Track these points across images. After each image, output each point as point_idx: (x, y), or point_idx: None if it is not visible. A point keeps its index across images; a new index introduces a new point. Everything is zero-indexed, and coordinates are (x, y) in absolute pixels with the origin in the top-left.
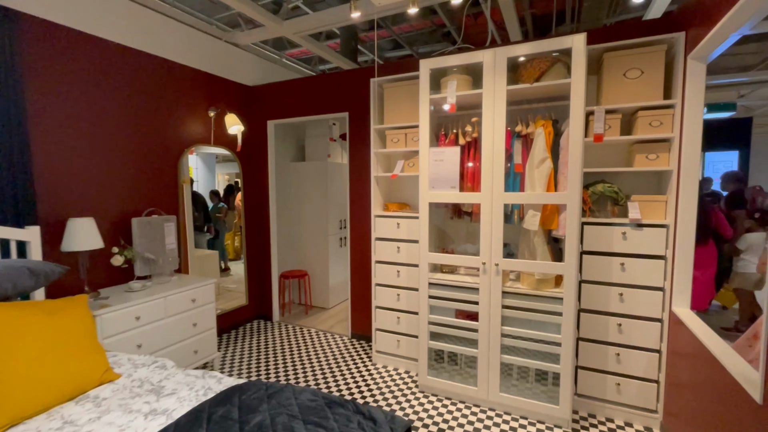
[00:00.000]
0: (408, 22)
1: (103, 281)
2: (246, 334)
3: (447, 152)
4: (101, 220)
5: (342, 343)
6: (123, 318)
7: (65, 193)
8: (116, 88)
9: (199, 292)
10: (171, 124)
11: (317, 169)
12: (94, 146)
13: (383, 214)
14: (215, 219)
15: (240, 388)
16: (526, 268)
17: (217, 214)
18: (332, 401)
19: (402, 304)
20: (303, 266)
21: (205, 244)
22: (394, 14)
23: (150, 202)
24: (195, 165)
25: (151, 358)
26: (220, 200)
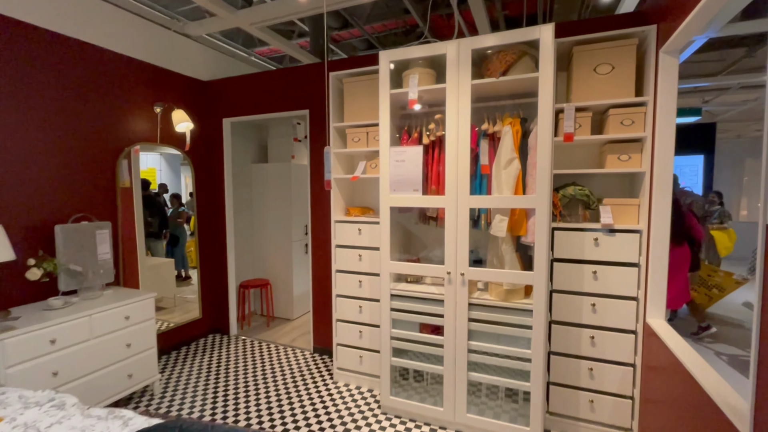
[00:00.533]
0: (381, 21)
1: (18, 299)
2: (197, 351)
3: (409, 152)
4: (13, 228)
5: (303, 359)
6: (34, 342)
7: None
8: (39, 78)
9: (135, 307)
10: (108, 120)
11: (280, 171)
12: (6, 142)
13: (343, 219)
14: (174, 224)
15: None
16: (493, 278)
17: (177, 219)
18: None
19: (365, 317)
20: (265, 275)
21: (162, 251)
22: (368, 13)
23: (80, 207)
24: (158, 167)
25: (49, 395)
26: (180, 204)
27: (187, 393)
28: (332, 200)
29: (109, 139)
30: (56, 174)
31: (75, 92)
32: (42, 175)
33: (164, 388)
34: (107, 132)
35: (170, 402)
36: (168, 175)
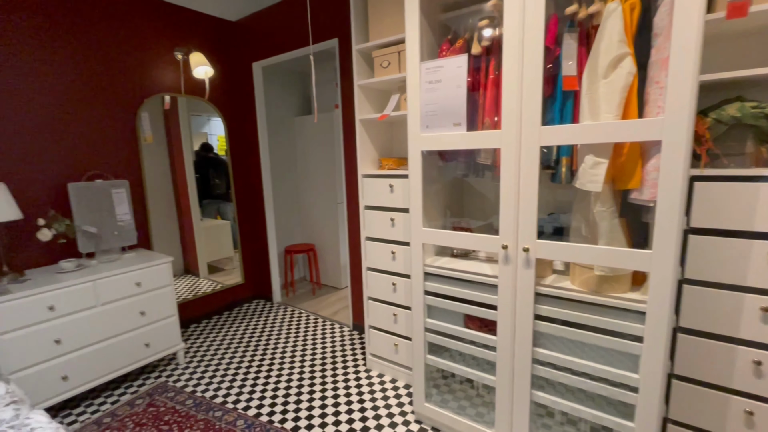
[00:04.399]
0: None
1: (34, 260)
2: (237, 318)
3: (447, 67)
4: (25, 187)
5: (340, 337)
6: (30, 308)
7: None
8: (48, 22)
9: (147, 273)
10: (124, 68)
11: (323, 123)
12: (11, 95)
13: (371, 173)
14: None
15: None
16: (579, 257)
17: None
18: None
19: (399, 297)
20: (312, 239)
21: (230, 213)
22: None
23: (96, 164)
24: (210, 130)
25: None
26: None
27: (213, 363)
28: (358, 149)
29: (126, 90)
30: (67, 127)
31: (84, 36)
32: (52, 128)
33: (194, 355)
34: (124, 82)
35: (193, 372)
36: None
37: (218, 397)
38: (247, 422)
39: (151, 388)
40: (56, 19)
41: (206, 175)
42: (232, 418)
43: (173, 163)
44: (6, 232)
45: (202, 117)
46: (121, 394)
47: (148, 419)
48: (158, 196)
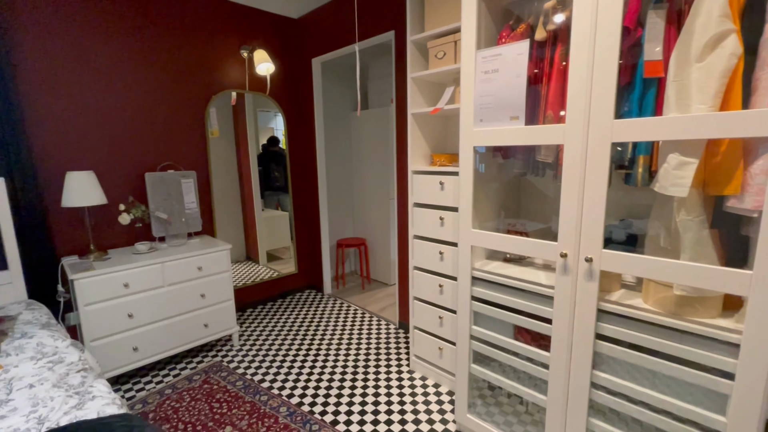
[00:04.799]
0: None
1: (117, 241)
2: (289, 306)
3: (506, 55)
4: (109, 175)
5: (385, 334)
6: (108, 284)
7: (65, 146)
8: (127, 24)
9: (208, 259)
10: (195, 67)
11: (378, 118)
12: (97, 94)
13: (421, 169)
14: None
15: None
16: (655, 273)
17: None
18: None
19: (446, 299)
20: (363, 234)
21: (289, 205)
22: None
23: (169, 156)
24: (276, 125)
25: (63, 350)
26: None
27: (263, 348)
28: (409, 144)
29: (196, 86)
30: (146, 123)
31: (162, 40)
32: (134, 124)
33: (247, 338)
34: (194, 80)
35: (245, 354)
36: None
37: (265, 381)
38: (290, 410)
39: (208, 366)
40: (137, 26)
41: (269, 167)
42: (276, 404)
43: (239, 156)
44: (93, 214)
45: (270, 113)
46: (182, 369)
47: (202, 395)
48: (225, 187)
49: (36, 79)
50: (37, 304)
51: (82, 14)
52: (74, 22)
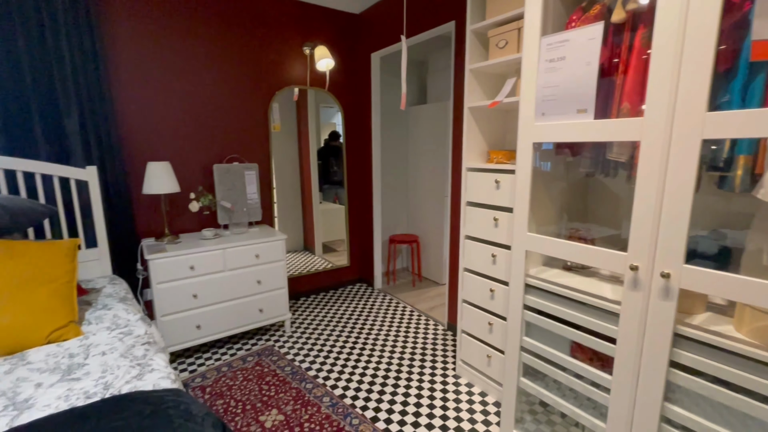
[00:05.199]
0: None
1: (188, 227)
2: (340, 298)
3: (575, 39)
4: (182, 165)
5: (433, 335)
6: (176, 265)
7: (147, 138)
8: (201, 26)
9: (265, 247)
10: (261, 64)
11: (437, 113)
12: (175, 90)
13: (476, 167)
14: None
15: (116, 403)
16: (753, 297)
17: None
18: None
19: (497, 305)
20: (417, 231)
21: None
22: None
23: (234, 149)
24: (339, 120)
25: (132, 323)
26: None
27: (312, 337)
28: (465, 139)
29: (261, 83)
30: (216, 118)
31: (229, 39)
32: (205, 119)
33: (299, 326)
34: (260, 76)
35: (295, 341)
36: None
37: (312, 369)
38: (333, 401)
39: (261, 349)
40: (212, 24)
41: (329, 162)
42: (320, 393)
43: (301, 150)
44: (168, 201)
45: (333, 108)
46: (238, 349)
47: (254, 376)
48: (286, 180)
49: (125, 76)
50: (119, 280)
51: (167, 14)
52: (160, 21)
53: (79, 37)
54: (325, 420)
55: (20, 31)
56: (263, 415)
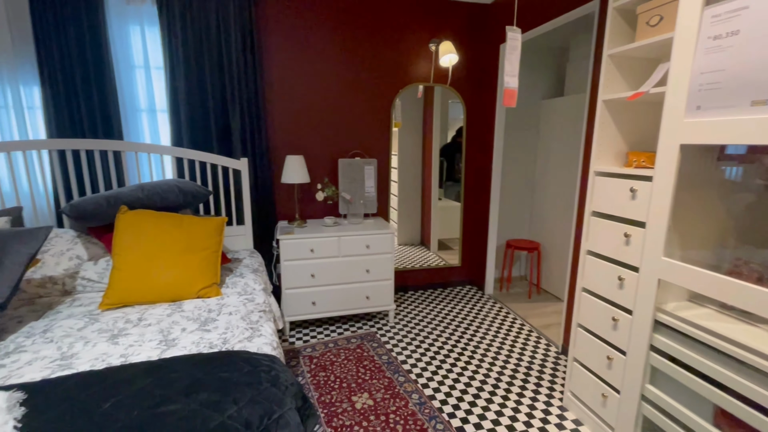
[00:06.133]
0: None
1: (315, 214)
2: (447, 297)
3: (757, 7)
4: (314, 158)
5: (542, 356)
6: (300, 247)
7: (286, 133)
8: (335, 33)
9: (375, 239)
10: (386, 64)
11: (573, 107)
12: (310, 92)
13: (605, 171)
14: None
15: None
16: None
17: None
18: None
19: (619, 337)
20: (539, 237)
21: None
22: None
23: (356, 144)
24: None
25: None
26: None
27: (413, 331)
28: (595, 137)
29: (386, 81)
30: (343, 115)
31: (360, 40)
32: (333, 116)
33: (402, 318)
34: (385, 74)
35: (396, 333)
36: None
37: (407, 363)
38: (421, 399)
39: (364, 333)
40: (343, 24)
41: (454, 158)
42: (410, 389)
43: (425, 146)
44: (300, 190)
45: (462, 104)
46: (345, 330)
47: (354, 357)
48: (407, 174)
49: (273, 83)
50: (256, 254)
51: (308, 28)
52: (301, 36)
53: (244, 59)
54: (410, 416)
55: (207, 62)
56: (355, 396)
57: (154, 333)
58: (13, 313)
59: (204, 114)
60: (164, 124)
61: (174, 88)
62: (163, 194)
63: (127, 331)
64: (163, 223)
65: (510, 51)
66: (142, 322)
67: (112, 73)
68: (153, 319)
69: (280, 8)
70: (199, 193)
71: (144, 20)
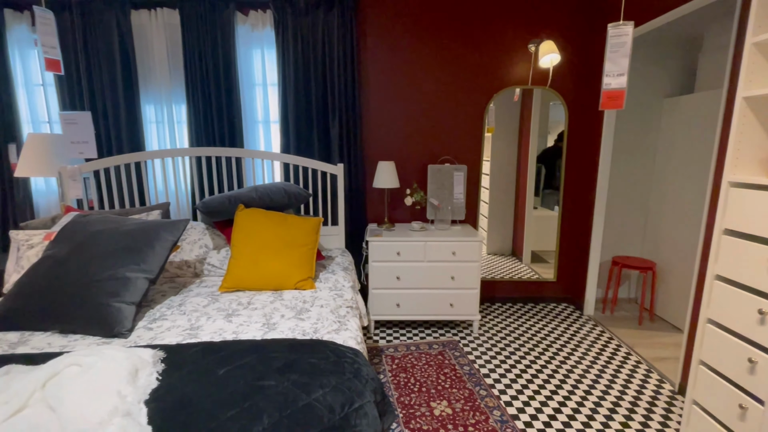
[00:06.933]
0: None
1: (403, 218)
2: (538, 314)
3: None
4: (403, 164)
5: (651, 394)
6: (387, 249)
7: (378, 139)
8: (430, 36)
9: (461, 246)
10: (479, 67)
11: (704, 106)
12: (402, 99)
13: (743, 181)
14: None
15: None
16: None
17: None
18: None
19: (756, 383)
20: (653, 256)
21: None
22: None
23: (446, 150)
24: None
25: (345, 286)
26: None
27: (499, 345)
28: (731, 141)
29: (479, 85)
30: (431, 120)
31: (453, 46)
32: (423, 122)
33: (487, 330)
34: (478, 79)
35: (480, 344)
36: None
37: (490, 377)
38: (503, 417)
39: (446, 341)
40: (433, 36)
41: (554, 164)
42: (492, 404)
43: (520, 151)
44: (389, 195)
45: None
46: (427, 335)
47: (435, 363)
48: (500, 181)
49: (369, 92)
50: (347, 253)
51: (404, 27)
52: (395, 41)
53: (344, 71)
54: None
55: (313, 77)
56: (434, 402)
57: (259, 316)
58: (159, 287)
59: (308, 124)
60: (275, 134)
61: (285, 102)
62: (272, 195)
63: (239, 312)
64: (271, 221)
65: (613, 49)
66: (251, 306)
67: (237, 91)
68: (259, 303)
69: (377, 19)
70: (301, 195)
71: (264, 43)
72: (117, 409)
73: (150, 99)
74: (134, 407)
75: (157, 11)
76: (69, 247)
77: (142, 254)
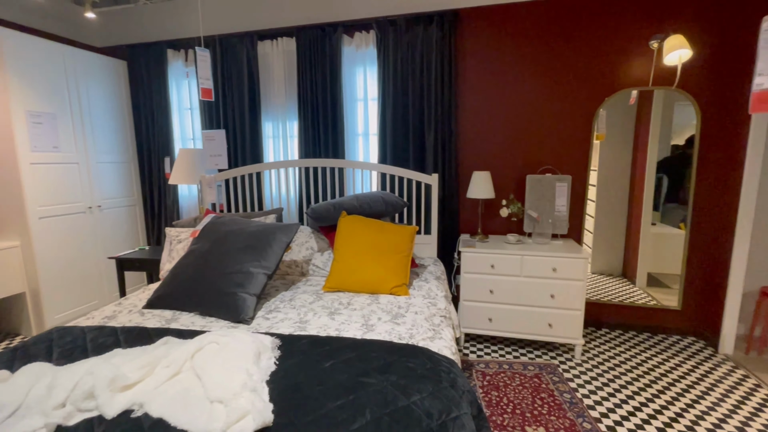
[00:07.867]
0: None
1: (498, 229)
2: (656, 346)
3: None
4: (499, 174)
5: None
6: (480, 261)
7: (473, 149)
8: (529, 39)
9: (564, 262)
10: (590, 65)
11: None
12: (499, 107)
13: None
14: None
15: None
16: None
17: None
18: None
19: None
20: None
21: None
22: None
23: (548, 160)
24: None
25: (438, 295)
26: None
27: (606, 376)
28: None
29: (589, 91)
30: (535, 129)
31: (552, 50)
32: (521, 131)
33: (591, 357)
34: (585, 82)
35: (583, 372)
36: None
37: (595, 410)
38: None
39: (543, 364)
40: (532, 38)
41: (681, 175)
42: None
43: (636, 160)
44: (484, 205)
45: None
46: (522, 355)
47: (530, 386)
48: (610, 193)
49: (464, 102)
50: (439, 262)
51: (502, 31)
52: (494, 40)
53: (441, 84)
54: None
55: (411, 90)
56: (530, 427)
57: (358, 317)
58: (273, 282)
59: (404, 135)
60: (374, 145)
61: (383, 115)
62: (371, 203)
63: (340, 311)
64: (370, 228)
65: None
66: (350, 306)
67: (341, 107)
68: (357, 305)
69: (476, 30)
70: (397, 204)
71: (366, 61)
72: (246, 384)
73: (269, 117)
74: (258, 385)
75: (278, 40)
76: (208, 244)
77: (262, 252)
